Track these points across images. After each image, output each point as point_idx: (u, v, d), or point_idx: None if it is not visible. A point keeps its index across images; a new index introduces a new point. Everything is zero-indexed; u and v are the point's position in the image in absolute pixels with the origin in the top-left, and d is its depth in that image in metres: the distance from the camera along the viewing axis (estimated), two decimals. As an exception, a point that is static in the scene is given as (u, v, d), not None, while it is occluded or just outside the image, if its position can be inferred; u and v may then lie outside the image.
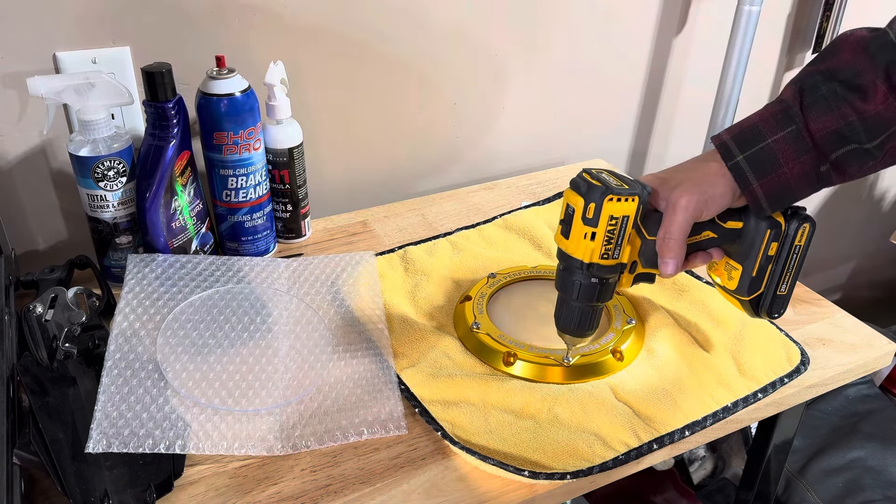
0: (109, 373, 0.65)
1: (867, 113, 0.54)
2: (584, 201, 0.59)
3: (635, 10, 1.12)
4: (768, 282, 0.63)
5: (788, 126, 0.56)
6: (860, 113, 0.54)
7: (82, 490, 0.56)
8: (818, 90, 0.56)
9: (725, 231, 0.62)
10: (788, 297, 0.64)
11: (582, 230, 0.60)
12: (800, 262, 0.62)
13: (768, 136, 0.57)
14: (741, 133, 0.58)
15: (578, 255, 0.61)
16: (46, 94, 0.71)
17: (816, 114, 0.55)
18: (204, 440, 0.61)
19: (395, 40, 0.97)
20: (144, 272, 0.76)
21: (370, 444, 0.64)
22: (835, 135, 0.55)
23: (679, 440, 0.65)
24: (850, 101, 0.55)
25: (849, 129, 0.55)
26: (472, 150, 1.11)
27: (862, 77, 0.54)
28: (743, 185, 0.58)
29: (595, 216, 0.59)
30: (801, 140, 0.56)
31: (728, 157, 0.58)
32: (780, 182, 0.57)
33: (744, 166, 0.57)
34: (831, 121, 0.55)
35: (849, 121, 0.55)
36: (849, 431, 1.25)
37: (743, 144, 0.58)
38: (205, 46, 0.85)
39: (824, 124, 0.55)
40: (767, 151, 0.57)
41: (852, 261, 1.79)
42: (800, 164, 0.57)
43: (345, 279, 0.82)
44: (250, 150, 0.82)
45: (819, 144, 0.56)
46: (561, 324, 0.67)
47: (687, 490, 1.22)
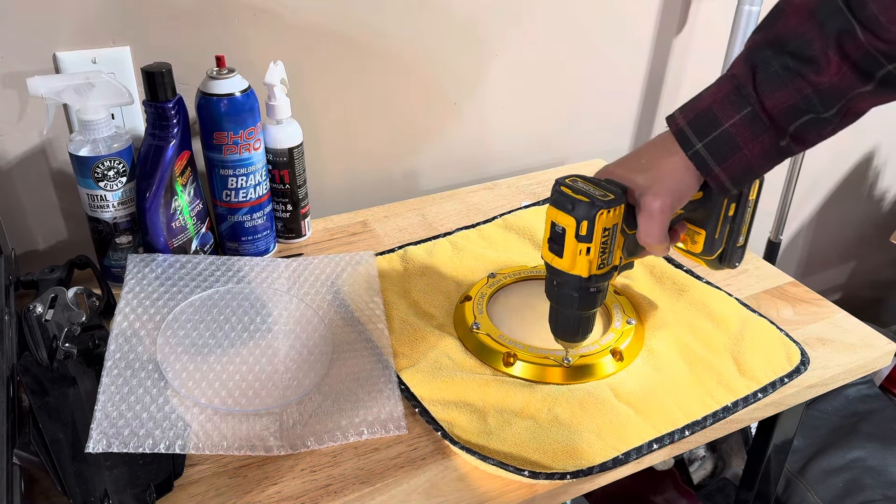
0: (109, 373, 0.65)
1: (822, 85, 0.54)
2: (574, 220, 0.59)
3: (635, 10, 1.12)
4: (728, 239, 0.68)
5: (744, 108, 0.56)
6: (815, 86, 0.54)
7: (82, 490, 0.56)
8: (770, 66, 0.55)
9: (690, 204, 0.63)
10: (745, 247, 0.70)
11: (576, 247, 0.60)
12: (753, 213, 0.68)
13: (724, 121, 0.57)
14: (697, 118, 0.58)
15: (576, 271, 0.61)
16: (46, 94, 0.71)
17: (770, 90, 0.55)
18: (204, 440, 0.61)
19: (396, 40, 0.97)
20: (144, 272, 0.76)
21: (370, 444, 0.64)
22: (791, 109, 0.55)
23: (679, 440, 0.65)
24: (803, 74, 0.54)
25: (805, 102, 0.55)
26: (472, 150, 1.11)
27: (812, 47, 0.53)
28: (705, 171, 0.58)
29: (589, 232, 0.59)
30: (758, 120, 0.56)
31: (687, 145, 0.58)
32: (742, 163, 0.58)
33: (703, 154, 0.58)
34: (786, 96, 0.55)
35: (804, 94, 0.54)
36: (849, 431, 1.25)
37: (700, 131, 0.58)
38: (205, 46, 0.85)
39: (780, 100, 0.55)
40: (725, 137, 0.57)
41: (852, 261, 1.79)
42: (759, 143, 0.57)
43: (345, 279, 0.82)
44: (250, 150, 0.82)
45: (776, 121, 0.56)
46: (559, 333, 0.68)
47: (687, 490, 1.22)
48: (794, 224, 1.60)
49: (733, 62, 0.58)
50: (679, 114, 0.60)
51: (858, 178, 1.61)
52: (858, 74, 0.53)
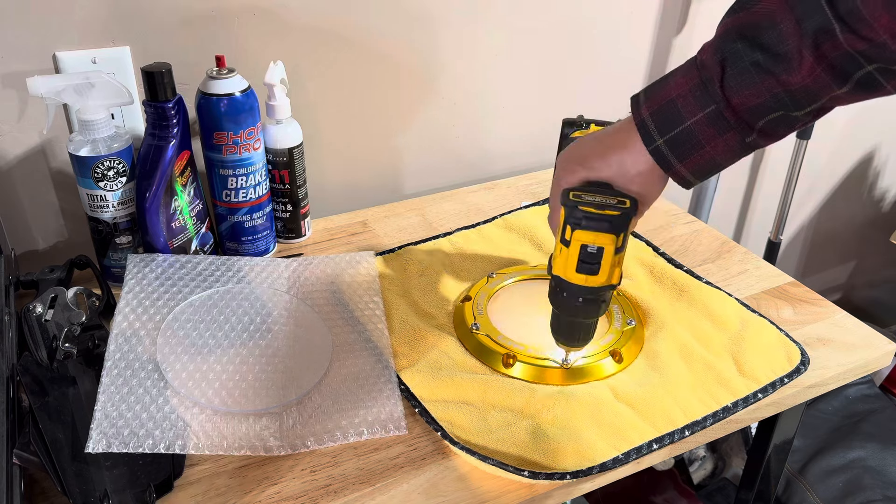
0: (109, 373, 0.65)
1: (793, 86, 0.52)
2: (614, 236, 0.58)
3: (635, 11, 1.12)
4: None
5: (708, 105, 0.54)
6: (786, 86, 0.52)
7: (82, 490, 0.56)
8: (740, 62, 0.52)
9: None
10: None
11: (614, 261, 0.60)
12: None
13: (688, 117, 0.55)
14: (660, 111, 0.56)
15: (612, 282, 0.61)
16: (46, 94, 0.71)
17: (739, 88, 0.53)
18: (204, 440, 0.61)
19: (395, 40, 0.97)
20: (144, 272, 0.76)
21: (370, 444, 0.64)
22: (759, 107, 0.53)
23: (679, 440, 0.65)
24: (774, 73, 0.51)
25: (774, 101, 0.53)
26: (471, 150, 1.11)
27: (786, 43, 0.50)
28: (665, 166, 0.57)
29: (624, 243, 0.59)
30: (722, 120, 0.54)
31: (648, 140, 0.57)
32: (704, 160, 0.56)
33: (664, 150, 0.56)
34: (755, 95, 0.53)
35: (774, 93, 0.52)
36: (849, 431, 1.25)
37: (662, 125, 0.56)
38: (205, 46, 0.85)
39: (748, 99, 0.53)
40: (687, 134, 0.55)
41: (852, 261, 1.79)
42: (723, 141, 0.55)
43: (345, 279, 0.82)
44: (250, 150, 0.82)
45: (743, 118, 0.54)
46: (570, 340, 0.68)
47: (687, 490, 1.22)
48: (794, 224, 1.60)
49: (703, 47, 0.56)
50: (644, 99, 0.58)
51: (858, 178, 1.61)
52: (834, 76, 0.51)
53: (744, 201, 1.50)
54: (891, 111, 1.54)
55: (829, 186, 1.59)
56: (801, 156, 1.37)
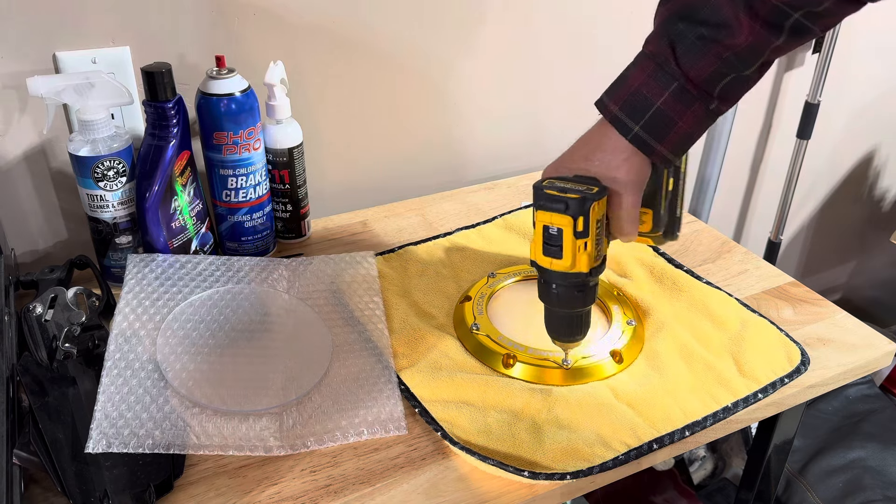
0: (109, 373, 0.65)
1: (738, 47, 0.56)
2: (571, 218, 0.60)
3: (635, 10, 1.12)
4: (670, 212, 0.68)
5: (670, 84, 0.58)
6: (732, 49, 0.56)
7: (82, 490, 0.56)
8: (686, 38, 0.57)
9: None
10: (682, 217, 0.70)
11: (575, 245, 0.61)
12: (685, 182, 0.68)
13: (655, 100, 0.59)
14: (628, 102, 0.60)
15: (577, 268, 0.62)
16: (46, 94, 0.71)
17: (692, 62, 0.57)
18: (204, 440, 0.61)
19: (396, 40, 0.97)
20: (144, 272, 0.76)
21: (370, 444, 0.64)
22: (714, 74, 0.57)
23: (679, 440, 0.65)
24: (719, 40, 0.56)
25: (725, 65, 0.57)
26: (472, 150, 1.11)
27: (722, 12, 0.56)
28: (647, 151, 0.60)
29: (585, 228, 0.60)
30: (686, 93, 0.58)
31: (625, 130, 0.60)
32: (679, 135, 0.60)
33: (642, 135, 0.60)
34: (708, 64, 0.57)
35: (724, 57, 0.57)
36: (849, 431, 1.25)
37: (634, 114, 0.60)
38: (205, 46, 0.85)
39: (703, 70, 0.57)
40: (659, 115, 0.59)
41: (852, 261, 1.79)
42: (691, 113, 0.59)
43: (345, 279, 0.82)
44: (250, 150, 0.82)
45: (703, 88, 0.58)
46: (560, 335, 0.68)
47: (687, 490, 1.22)
48: (794, 224, 1.60)
49: (647, 39, 0.61)
50: (608, 100, 0.62)
51: (858, 178, 1.61)
52: (769, 29, 0.56)
53: (744, 201, 1.50)
54: (891, 111, 1.54)
55: (829, 186, 1.59)
56: (801, 156, 1.37)
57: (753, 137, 1.41)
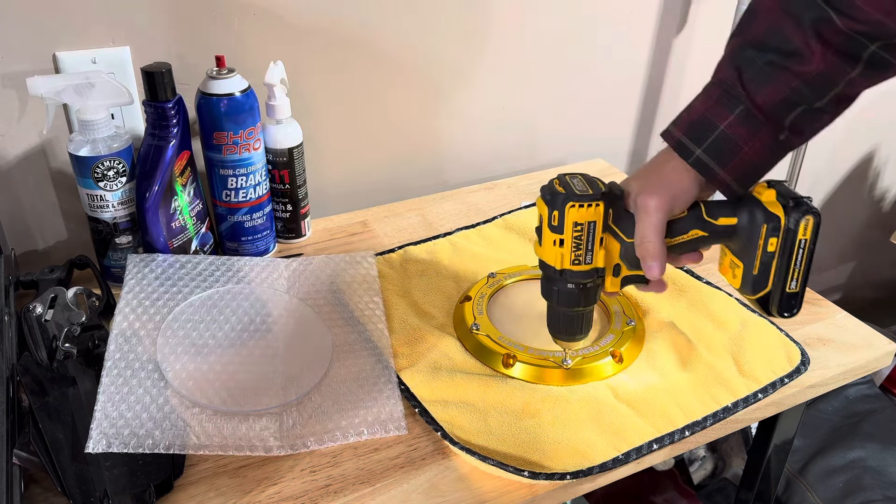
0: (109, 373, 0.65)
1: (809, 75, 0.54)
2: (548, 209, 0.60)
3: (635, 10, 1.12)
4: (775, 279, 0.58)
5: (736, 107, 0.56)
6: (802, 76, 0.54)
7: (82, 490, 0.56)
8: (754, 64, 0.55)
9: (718, 228, 0.59)
10: (800, 295, 0.59)
11: (550, 237, 0.61)
12: (808, 257, 0.58)
13: (720, 123, 0.56)
14: (692, 126, 0.57)
15: (550, 261, 0.62)
16: (46, 94, 0.71)
17: (759, 87, 0.55)
18: (204, 440, 0.61)
19: (396, 40, 0.97)
20: (144, 272, 0.76)
21: (370, 444, 0.64)
22: (783, 103, 0.55)
23: (679, 440, 0.65)
24: (788, 67, 0.54)
25: (795, 94, 0.54)
26: (471, 150, 1.11)
27: (793, 41, 0.53)
28: (709, 176, 0.57)
29: (560, 223, 0.60)
30: (753, 117, 0.55)
31: (686, 154, 0.57)
32: (745, 163, 0.56)
33: (704, 159, 0.57)
34: (776, 90, 0.54)
35: (793, 86, 0.54)
36: (849, 431, 1.25)
37: (697, 138, 0.57)
38: (205, 46, 0.85)
39: (770, 96, 0.55)
40: (723, 139, 0.56)
41: (852, 261, 1.79)
42: (758, 139, 0.56)
43: (345, 279, 0.82)
44: (250, 150, 0.82)
45: (770, 116, 0.55)
46: (551, 329, 0.68)
47: (687, 490, 1.22)
48: (794, 224, 1.59)
49: (716, 69, 0.58)
50: (673, 127, 0.59)
51: (858, 178, 1.61)
52: (844, 59, 0.53)
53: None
54: (891, 111, 1.54)
55: (829, 186, 1.59)
56: (801, 156, 1.37)
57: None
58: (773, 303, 0.59)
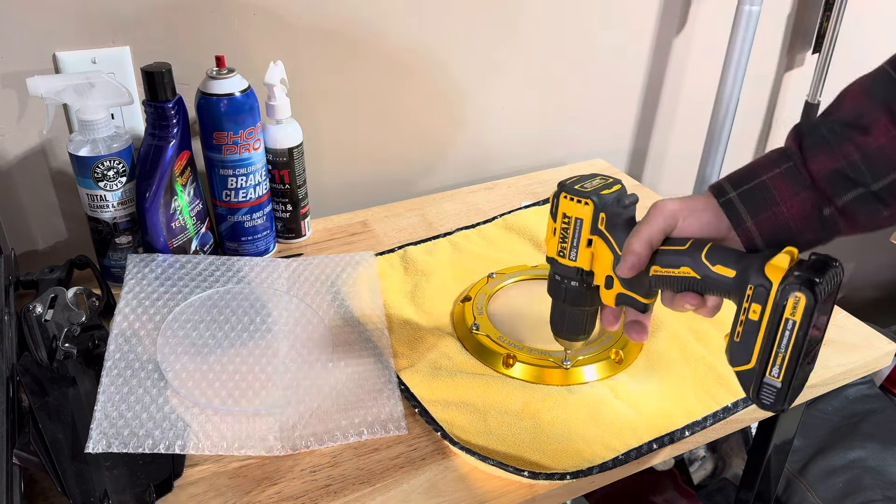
0: (109, 373, 0.65)
1: (868, 147, 0.50)
2: (553, 195, 0.62)
3: (635, 10, 1.12)
4: (758, 357, 0.50)
5: (785, 163, 0.53)
6: (861, 148, 0.51)
7: (82, 490, 0.56)
8: (818, 131, 0.53)
9: (711, 275, 0.52)
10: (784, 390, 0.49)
11: (550, 224, 0.63)
12: (796, 342, 0.48)
13: (764, 174, 0.54)
14: (738, 174, 0.55)
15: (545, 245, 0.64)
16: (46, 94, 0.71)
17: (815, 153, 0.52)
18: (204, 440, 0.61)
19: (396, 40, 0.97)
20: (144, 272, 0.76)
21: (370, 445, 0.64)
22: (835, 174, 0.51)
23: (679, 440, 0.65)
24: (850, 137, 0.51)
25: (850, 168, 0.51)
26: (471, 150, 1.11)
27: (864, 117, 0.51)
28: (736, 222, 0.54)
29: (554, 210, 0.61)
30: (799, 175, 0.52)
31: (721, 194, 0.55)
32: (778, 221, 0.53)
33: (736, 202, 0.54)
34: (831, 159, 0.51)
35: (850, 159, 0.51)
36: (849, 431, 1.25)
37: (737, 183, 0.55)
38: (205, 46, 0.85)
39: (824, 163, 0.51)
40: (762, 188, 0.53)
41: (852, 261, 1.79)
42: (798, 201, 0.52)
43: (345, 279, 0.82)
44: (250, 150, 0.82)
45: (819, 185, 0.52)
46: (552, 327, 0.68)
47: (687, 490, 1.22)
48: (794, 224, 1.59)
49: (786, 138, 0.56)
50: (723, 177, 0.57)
51: (858, 178, 1.61)
52: None
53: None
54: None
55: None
56: (801, 156, 1.37)
57: (753, 137, 1.41)
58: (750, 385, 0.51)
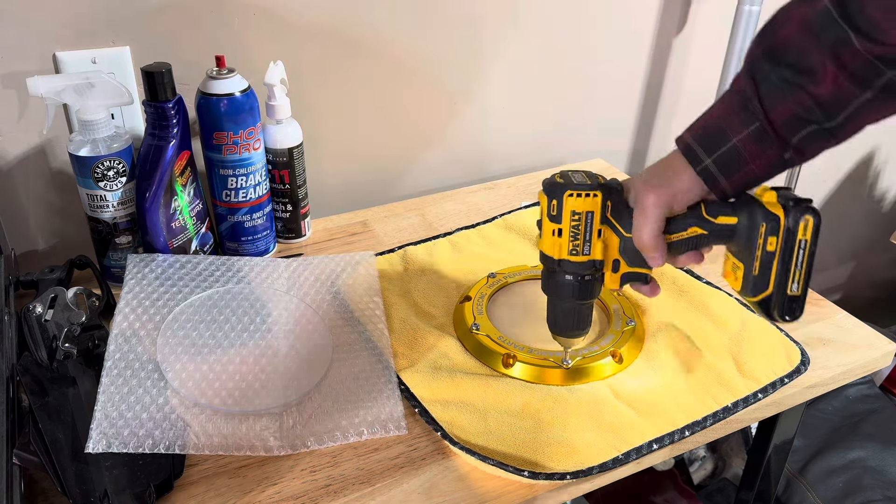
0: (109, 373, 0.65)
1: (821, 95, 0.54)
2: (547, 199, 0.61)
3: (635, 10, 1.12)
4: (776, 281, 0.57)
5: (752, 123, 0.56)
6: (814, 96, 0.54)
7: (82, 490, 0.56)
8: (769, 80, 0.56)
9: (717, 227, 0.59)
10: (802, 298, 0.58)
11: (550, 227, 0.62)
12: (809, 258, 0.56)
13: (733, 136, 0.57)
14: (705, 133, 0.58)
15: (548, 251, 0.63)
16: (46, 94, 0.71)
17: (773, 103, 0.55)
18: (204, 440, 0.61)
19: (396, 40, 0.97)
20: (144, 272, 0.76)
21: (370, 444, 0.64)
22: (794, 119, 0.55)
23: (679, 440, 0.65)
24: (802, 85, 0.54)
25: (805, 112, 0.55)
26: (471, 150, 1.11)
27: (809, 58, 0.54)
28: (712, 184, 0.58)
29: (558, 212, 0.61)
30: (766, 136, 0.56)
31: (696, 161, 0.58)
32: (747, 177, 0.58)
33: (712, 169, 0.57)
34: (789, 107, 0.55)
35: (805, 104, 0.55)
36: (849, 431, 1.25)
37: (708, 147, 0.58)
38: (205, 46, 0.85)
39: (783, 112, 0.55)
40: (734, 152, 0.57)
41: (852, 261, 1.79)
42: (765, 158, 0.57)
43: (345, 279, 0.82)
44: (250, 150, 0.82)
45: (780, 133, 0.56)
46: (551, 325, 0.68)
47: (687, 490, 1.22)
48: (795, 224, 1.59)
49: (734, 78, 0.59)
50: (687, 133, 0.60)
51: (858, 178, 1.61)
52: (855, 83, 0.53)
53: (744, 201, 1.49)
54: (891, 111, 1.53)
55: (830, 186, 1.59)
56: (801, 156, 1.37)
57: (753, 137, 1.41)
58: (775, 306, 0.58)
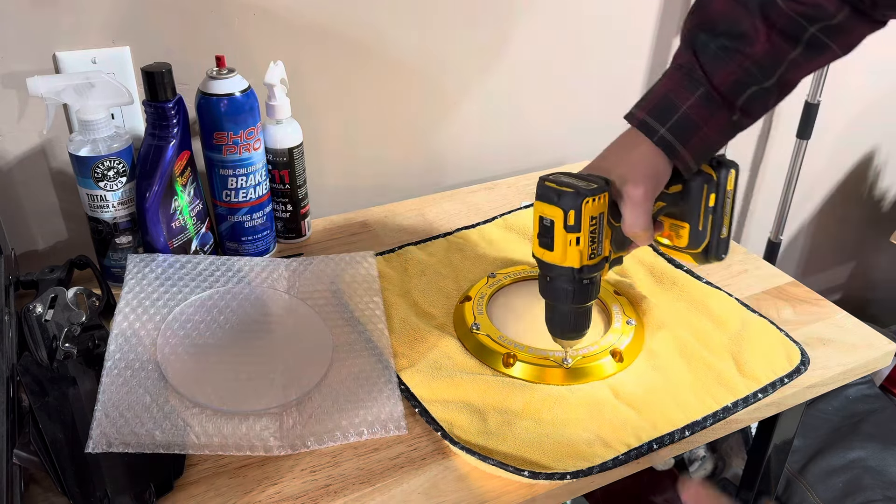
0: (109, 373, 0.65)
1: (757, 55, 0.59)
2: (562, 210, 0.60)
3: (635, 10, 1.12)
4: (712, 230, 0.67)
5: (697, 89, 0.60)
6: (751, 57, 0.59)
7: (82, 490, 0.56)
8: (708, 49, 0.60)
9: (671, 196, 0.66)
10: (730, 238, 0.69)
11: (566, 238, 0.61)
12: (733, 204, 0.67)
13: (682, 104, 0.61)
14: (656, 106, 0.62)
15: (567, 263, 0.62)
16: (46, 94, 0.71)
17: (715, 69, 0.60)
18: (204, 440, 0.61)
19: (396, 40, 0.97)
20: (144, 272, 0.76)
21: (370, 444, 0.64)
22: (736, 83, 0.60)
23: (679, 440, 0.65)
24: (739, 49, 0.59)
25: (747, 75, 0.59)
26: (472, 150, 1.11)
27: (741, 24, 0.58)
28: (671, 153, 0.62)
29: (577, 222, 0.60)
30: (712, 99, 0.60)
31: (651, 132, 0.62)
32: (703, 141, 0.61)
33: (668, 138, 0.61)
34: (730, 72, 0.59)
35: (744, 66, 0.59)
36: (849, 431, 1.25)
37: (661, 117, 0.61)
38: (205, 46, 0.85)
39: (725, 77, 0.60)
40: (685, 118, 0.61)
41: (852, 261, 1.79)
42: (715, 120, 0.61)
43: (345, 279, 0.82)
44: (250, 150, 0.82)
45: (726, 96, 0.60)
46: (556, 330, 0.68)
47: (687, 490, 1.22)
48: (794, 224, 1.60)
49: (675, 55, 0.63)
50: (636, 109, 0.63)
51: (858, 178, 1.61)
52: (786, 40, 0.58)
53: (744, 201, 1.50)
54: (891, 111, 1.54)
55: (829, 186, 1.59)
56: (801, 156, 1.37)
57: (753, 138, 1.41)
58: (713, 249, 0.69)
